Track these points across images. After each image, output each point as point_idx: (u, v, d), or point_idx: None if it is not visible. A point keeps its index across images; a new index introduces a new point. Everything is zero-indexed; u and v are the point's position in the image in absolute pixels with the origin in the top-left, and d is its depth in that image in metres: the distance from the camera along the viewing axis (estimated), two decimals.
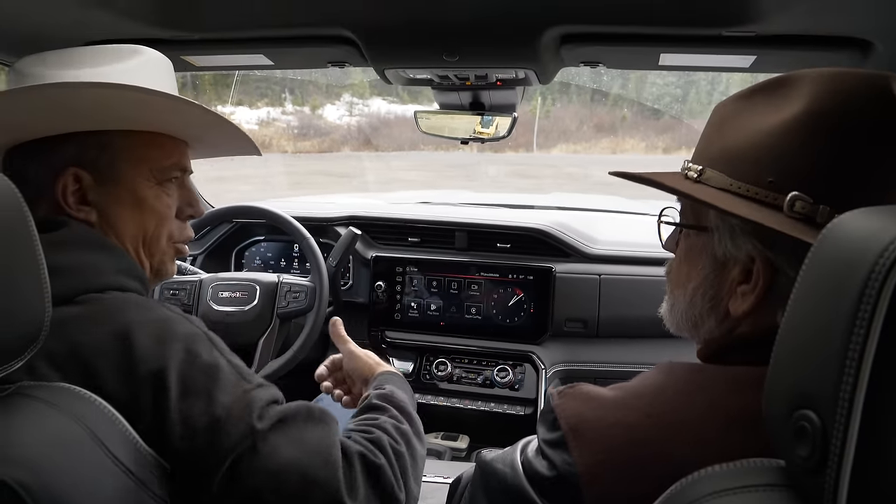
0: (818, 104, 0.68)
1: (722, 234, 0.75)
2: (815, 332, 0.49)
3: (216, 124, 0.98)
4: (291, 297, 1.81)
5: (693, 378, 0.73)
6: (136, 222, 0.95)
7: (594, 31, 1.25)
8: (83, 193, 0.90)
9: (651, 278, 1.98)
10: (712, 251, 0.76)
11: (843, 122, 0.67)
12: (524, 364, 2.04)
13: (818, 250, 0.51)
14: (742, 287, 0.73)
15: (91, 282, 0.84)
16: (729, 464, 0.58)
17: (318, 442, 0.84)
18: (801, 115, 0.68)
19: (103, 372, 0.77)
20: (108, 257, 0.88)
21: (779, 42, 1.20)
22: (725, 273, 0.75)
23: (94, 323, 0.80)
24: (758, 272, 0.71)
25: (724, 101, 0.80)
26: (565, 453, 0.71)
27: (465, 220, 2.17)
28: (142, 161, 0.95)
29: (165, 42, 1.36)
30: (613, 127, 18.53)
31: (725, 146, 0.75)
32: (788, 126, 0.69)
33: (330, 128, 18.94)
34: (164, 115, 0.94)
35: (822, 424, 0.47)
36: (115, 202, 0.93)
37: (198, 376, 0.80)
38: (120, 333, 0.79)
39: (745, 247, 0.72)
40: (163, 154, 0.98)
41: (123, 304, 0.84)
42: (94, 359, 0.78)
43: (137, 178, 0.94)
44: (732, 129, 0.75)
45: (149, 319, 0.82)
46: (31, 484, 0.66)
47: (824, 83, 0.69)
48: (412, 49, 1.33)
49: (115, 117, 0.91)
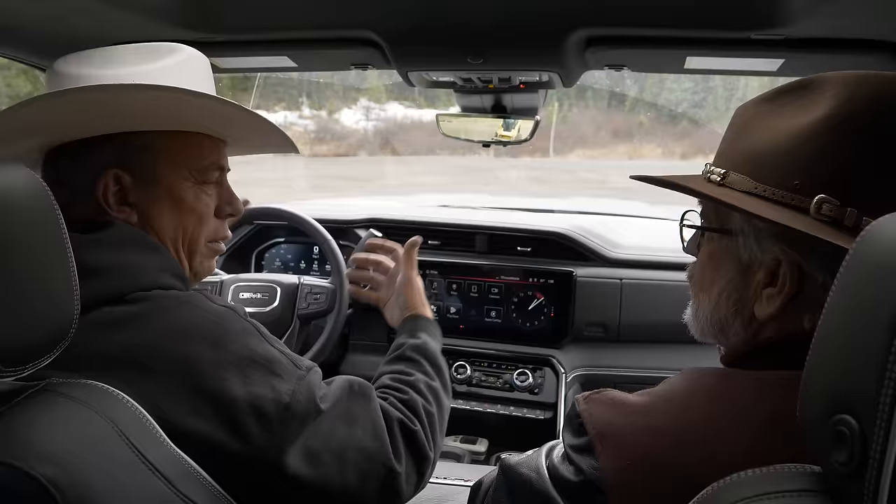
0: (845, 107, 0.68)
1: (747, 237, 0.74)
2: (854, 335, 0.49)
3: (254, 123, 0.99)
4: (312, 299, 1.81)
5: (721, 384, 0.73)
6: (175, 222, 0.95)
7: (620, 34, 1.24)
8: (124, 194, 0.91)
9: (673, 283, 1.97)
10: (737, 255, 0.76)
11: (870, 124, 0.67)
12: (544, 368, 2.03)
13: (857, 253, 0.51)
14: (768, 290, 0.73)
15: (137, 281, 0.85)
16: (763, 469, 0.57)
17: (366, 415, 0.93)
18: (828, 118, 0.68)
19: (158, 375, 0.78)
20: (153, 256, 0.89)
21: (807, 45, 1.18)
22: (750, 276, 0.75)
23: (146, 324, 0.81)
24: (784, 275, 0.71)
25: (746, 103, 0.79)
26: (592, 458, 0.70)
27: (486, 223, 2.17)
28: (181, 161, 0.95)
29: (191, 43, 1.37)
30: (630, 132, 18.44)
31: (749, 149, 0.74)
32: (814, 129, 0.69)
33: (347, 132, 19.02)
34: (204, 116, 0.95)
35: (860, 429, 0.47)
36: (155, 203, 0.93)
37: (257, 371, 0.84)
38: (174, 335, 0.81)
39: (772, 250, 0.72)
40: (202, 154, 0.98)
41: (174, 302, 0.85)
42: (149, 361, 0.79)
43: (177, 179, 0.95)
44: (756, 131, 0.75)
45: (201, 320, 0.84)
46: (59, 479, 0.66)
47: (851, 85, 0.69)
48: (437, 51, 1.33)
49: (156, 118, 0.92)
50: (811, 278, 0.69)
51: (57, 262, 0.70)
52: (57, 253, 0.70)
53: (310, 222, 1.90)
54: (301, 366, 0.90)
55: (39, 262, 0.68)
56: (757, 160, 0.73)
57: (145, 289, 0.85)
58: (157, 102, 0.89)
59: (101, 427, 0.72)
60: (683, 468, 0.65)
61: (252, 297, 1.81)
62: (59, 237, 0.70)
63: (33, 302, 0.68)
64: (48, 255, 0.69)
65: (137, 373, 0.78)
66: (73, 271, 0.72)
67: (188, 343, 0.81)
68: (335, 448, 0.88)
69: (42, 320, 0.69)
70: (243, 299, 1.81)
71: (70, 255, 0.71)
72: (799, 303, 0.70)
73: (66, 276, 0.71)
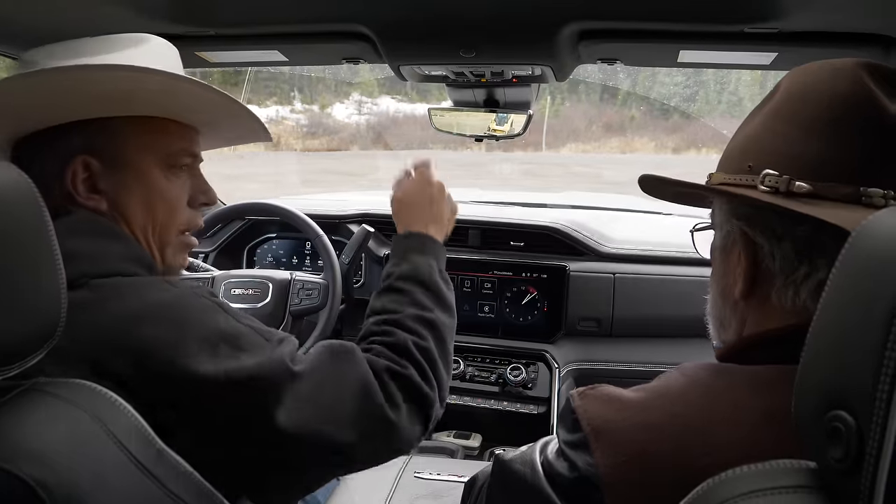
0: (787, 92, 0.75)
1: (721, 224, 0.81)
2: (850, 330, 0.48)
3: (221, 104, 0.96)
4: (304, 295, 1.80)
5: (716, 379, 0.72)
6: (145, 210, 0.93)
7: (613, 28, 1.24)
8: (93, 181, 0.89)
9: (666, 277, 1.98)
10: (717, 244, 0.82)
11: (801, 102, 0.73)
12: (537, 363, 2.03)
13: (851, 247, 0.50)
14: (738, 270, 0.77)
15: (96, 268, 0.83)
16: (758, 464, 0.57)
17: (351, 373, 0.90)
18: (774, 105, 0.76)
19: (115, 360, 0.76)
20: (114, 243, 0.87)
21: (801, 39, 1.18)
22: (728, 261, 0.79)
23: (101, 308, 0.79)
24: (738, 246, 0.77)
25: None
26: (587, 454, 0.70)
27: (479, 217, 2.16)
28: (150, 147, 0.93)
29: (179, 37, 1.36)
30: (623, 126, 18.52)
31: (727, 151, 0.82)
32: (763, 117, 0.76)
33: (339, 126, 19.01)
34: (168, 97, 0.93)
35: (856, 425, 0.46)
36: (125, 190, 0.91)
37: (223, 347, 0.81)
38: (131, 318, 0.78)
39: (734, 230, 0.78)
40: (171, 139, 0.96)
41: (131, 288, 0.82)
42: (103, 345, 0.76)
43: (146, 165, 0.93)
44: (735, 135, 0.82)
45: (160, 301, 0.81)
46: (47, 480, 0.65)
47: (797, 73, 0.77)
48: (429, 45, 1.32)
49: (119, 102, 0.90)
50: (760, 248, 0.74)
51: (45, 260, 0.69)
52: (44, 250, 0.69)
53: (302, 218, 1.89)
54: (271, 338, 0.87)
55: (27, 258, 0.67)
56: (728, 156, 0.80)
57: (104, 275, 0.82)
58: (116, 85, 0.87)
59: (90, 427, 0.71)
60: (679, 464, 0.65)
61: (244, 293, 1.80)
62: (46, 234, 0.69)
63: (22, 298, 0.67)
64: (35, 252, 0.68)
65: (93, 361, 0.75)
66: (61, 268, 0.70)
67: (148, 326, 0.78)
68: (324, 410, 0.85)
69: (31, 319, 0.68)
70: (235, 295, 1.80)
71: (57, 253, 0.70)
72: (763, 277, 0.75)
73: (53, 274, 0.70)
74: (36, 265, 0.68)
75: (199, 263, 2.04)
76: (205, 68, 1.63)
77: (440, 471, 1.39)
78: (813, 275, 0.70)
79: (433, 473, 1.38)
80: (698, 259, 1.80)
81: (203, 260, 2.18)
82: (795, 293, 0.71)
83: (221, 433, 0.80)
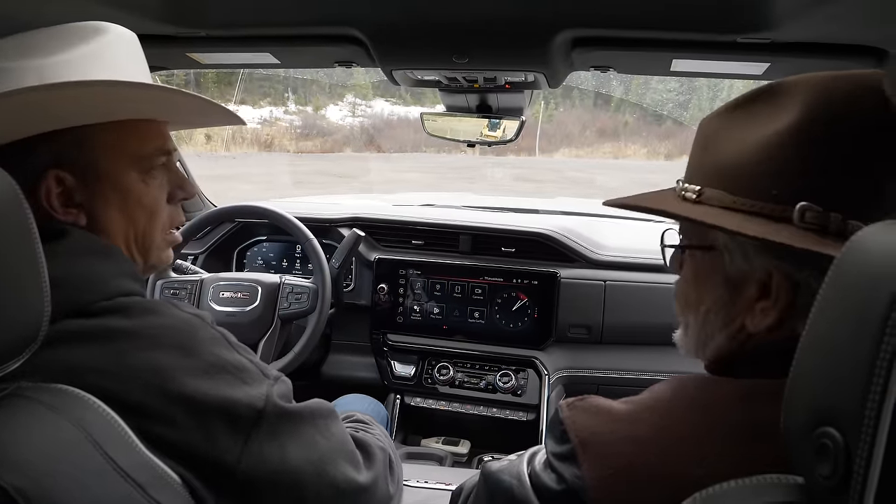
0: (815, 111, 0.67)
1: (733, 253, 0.73)
2: (839, 346, 0.48)
3: (197, 108, 0.95)
4: (293, 299, 1.79)
5: (705, 392, 0.72)
6: (125, 219, 0.91)
7: (606, 35, 1.24)
8: (68, 195, 0.86)
9: (656, 285, 1.97)
10: (724, 271, 0.75)
11: (841, 127, 0.66)
12: (527, 369, 2.03)
13: (842, 262, 0.50)
14: (761, 304, 0.71)
15: (98, 290, 0.82)
16: (745, 479, 0.56)
17: (340, 435, 0.94)
18: (798, 123, 0.67)
19: (129, 385, 0.76)
20: (108, 262, 0.86)
21: (793, 49, 1.18)
22: (740, 292, 0.73)
23: (113, 335, 0.79)
24: (778, 287, 0.70)
25: (709, 116, 0.78)
26: (575, 467, 0.69)
27: (470, 223, 2.16)
28: (123, 152, 0.89)
29: (171, 38, 1.35)
30: (616, 132, 18.59)
31: (722, 163, 0.73)
32: (785, 136, 0.68)
33: (332, 128, 19.00)
34: (141, 102, 0.90)
35: (844, 442, 0.46)
36: (103, 200, 0.88)
37: (228, 378, 0.82)
38: (143, 345, 0.79)
39: (762, 264, 0.71)
40: (143, 141, 0.92)
41: (140, 311, 0.82)
42: (119, 371, 0.76)
43: (121, 171, 0.89)
44: (725, 143, 0.74)
45: (170, 329, 0.82)
46: (27, 489, 0.64)
47: (818, 89, 0.68)
48: (421, 50, 1.31)
49: (90, 112, 0.86)
50: (804, 286, 0.68)
51: (27, 262, 0.68)
52: (26, 252, 0.68)
53: (292, 221, 1.88)
54: (269, 375, 0.88)
55: (8, 260, 0.66)
56: (731, 173, 0.72)
57: (108, 297, 0.82)
58: (90, 99, 0.84)
59: (71, 433, 0.70)
60: (666, 478, 0.65)
61: (232, 296, 1.79)
62: (28, 236, 0.68)
63: (3, 303, 0.66)
64: (17, 254, 0.67)
65: (109, 382, 0.75)
66: (44, 271, 0.69)
67: (158, 351, 0.79)
68: (314, 460, 0.88)
69: (12, 323, 0.67)
70: (224, 299, 1.79)
71: (41, 255, 0.69)
72: (795, 313, 0.69)
73: (35, 276, 0.69)
74: (17, 268, 0.67)
75: (188, 266, 2.02)
76: (196, 69, 1.62)
77: (427, 479, 1.38)
78: None
79: (420, 481, 1.37)
80: None
81: (192, 262, 2.16)
82: None
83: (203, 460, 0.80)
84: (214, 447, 0.79)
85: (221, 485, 0.81)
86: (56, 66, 0.83)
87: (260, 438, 0.82)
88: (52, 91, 0.80)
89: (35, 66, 0.83)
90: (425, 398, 2.08)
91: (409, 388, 2.10)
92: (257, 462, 0.82)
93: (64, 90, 0.81)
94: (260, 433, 0.82)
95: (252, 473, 0.82)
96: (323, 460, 0.89)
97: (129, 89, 0.85)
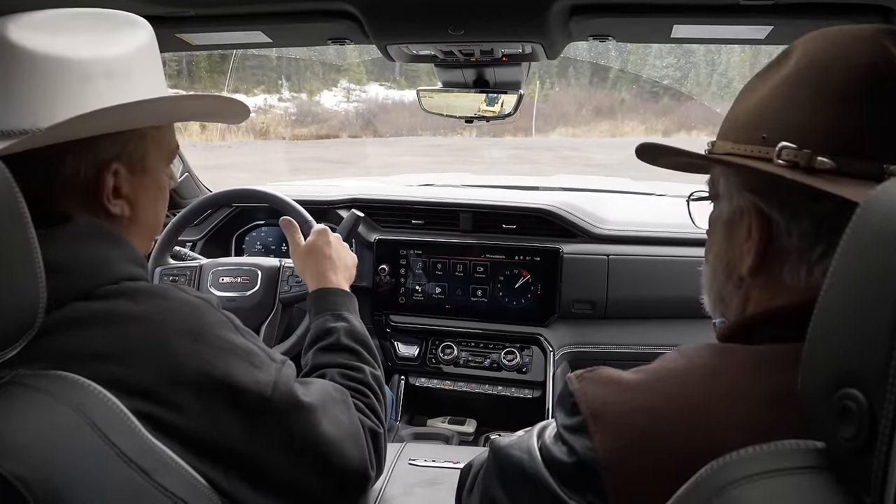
0: (805, 59, 0.70)
1: (725, 197, 0.77)
2: (861, 304, 0.46)
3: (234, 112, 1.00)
4: (294, 282, 1.77)
5: (717, 359, 0.71)
6: (155, 209, 0.96)
7: (605, 2, 1.21)
8: (118, 186, 0.88)
9: (659, 258, 1.96)
10: (721, 216, 0.78)
11: (822, 71, 0.69)
12: (531, 346, 2.02)
13: (862, 218, 0.48)
14: (746, 245, 0.74)
15: (104, 275, 0.82)
16: (763, 445, 0.55)
17: (348, 422, 0.96)
18: (790, 73, 0.71)
19: (136, 369, 0.76)
20: (114, 247, 0.86)
21: (796, 11, 1.16)
22: (734, 235, 0.76)
23: (120, 318, 0.79)
24: (751, 221, 0.73)
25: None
26: (586, 438, 0.68)
27: (470, 200, 2.14)
28: (163, 148, 0.95)
29: (158, 18, 1.32)
30: (612, 110, 18.56)
31: (733, 117, 0.77)
32: (779, 85, 0.72)
33: (327, 114, 18.97)
34: (198, 109, 0.99)
35: (868, 403, 0.44)
36: (143, 192, 0.92)
37: (237, 362, 0.83)
38: (151, 329, 0.79)
39: (745, 203, 0.74)
40: (172, 138, 0.98)
41: (146, 295, 0.83)
42: (127, 355, 0.77)
43: (159, 166, 0.94)
44: (741, 101, 0.77)
45: (178, 312, 0.83)
46: (26, 475, 0.64)
47: (813, 39, 0.72)
48: (416, 22, 1.29)
49: (161, 116, 0.93)
50: (775, 224, 0.70)
51: (20, 249, 0.67)
52: (19, 239, 0.67)
53: (290, 203, 1.86)
54: (276, 359, 0.90)
55: (2, 252, 0.65)
56: (736, 125, 0.76)
57: (113, 281, 0.82)
58: (169, 105, 0.91)
59: (71, 418, 0.69)
60: (680, 447, 0.64)
61: (232, 281, 1.77)
62: (21, 222, 0.67)
63: None
64: (9, 241, 0.66)
65: (115, 367, 0.75)
66: (39, 258, 0.69)
67: (166, 335, 0.80)
68: (318, 447, 0.89)
69: (7, 310, 0.66)
70: (223, 283, 1.77)
71: (34, 241, 0.68)
72: (774, 254, 0.71)
73: (29, 263, 0.68)
74: (10, 255, 0.66)
75: (187, 252, 2.00)
76: (188, 51, 1.60)
77: (435, 457, 1.37)
78: (829, 254, 0.67)
79: (428, 460, 1.36)
80: (692, 239, 1.78)
81: (191, 248, 2.15)
82: (809, 272, 0.69)
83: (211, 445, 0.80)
84: (221, 431, 0.80)
85: (229, 467, 0.82)
86: (122, 62, 0.87)
87: (266, 423, 0.84)
88: (161, 103, 0.89)
89: (102, 59, 0.85)
90: (430, 378, 2.08)
91: (414, 368, 2.10)
92: (264, 446, 0.84)
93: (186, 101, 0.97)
94: (267, 418, 0.84)
95: (259, 456, 0.83)
96: (329, 445, 0.90)
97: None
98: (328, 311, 1.21)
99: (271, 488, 0.86)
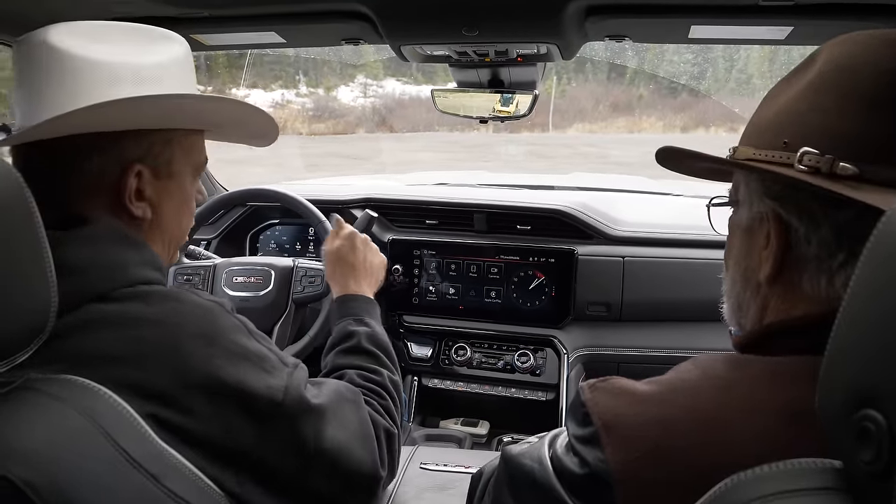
0: (832, 64, 0.69)
1: (749, 202, 0.75)
2: (883, 320, 0.45)
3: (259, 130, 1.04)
4: (307, 282, 1.77)
5: (733, 371, 0.69)
6: (179, 218, 0.96)
7: (621, 3, 1.19)
8: (140, 189, 0.89)
9: (676, 260, 1.94)
10: (741, 222, 0.77)
11: (850, 75, 0.67)
12: (545, 349, 2.00)
13: (887, 227, 0.47)
14: (765, 252, 0.73)
15: (120, 277, 0.83)
16: (780, 464, 0.54)
17: (358, 423, 0.96)
18: (815, 77, 0.69)
19: (150, 371, 0.77)
20: (131, 251, 0.87)
21: (818, 11, 1.14)
22: (753, 242, 0.75)
23: (135, 321, 0.79)
24: (769, 227, 0.72)
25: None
26: (598, 450, 0.67)
27: (484, 201, 2.13)
28: (189, 157, 0.96)
29: (174, 20, 1.32)
30: (630, 106, 18.43)
31: (756, 123, 0.76)
32: (804, 90, 0.70)
33: (344, 109, 19.01)
34: (224, 117, 0.99)
35: (888, 426, 0.43)
36: (167, 197, 0.93)
37: (249, 367, 0.84)
38: (165, 332, 0.80)
39: (764, 210, 0.72)
40: (202, 150, 1.00)
41: (160, 298, 0.83)
42: (140, 358, 0.77)
43: (185, 174, 0.95)
44: (764, 107, 0.76)
45: (191, 315, 0.83)
46: (35, 480, 0.64)
47: (840, 43, 0.70)
48: (430, 23, 1.28)
49: (186, 118, 0.94)
50: (794, 231, 0.69)
51: (32, 254, 0.68)
52: (31, 244, 0.68)
53: (304, 203, 1.86)
54: (288, 363, 0.91)
55: (12, 255, 0.66)
56: (758, 129, 0.75)
57: (129, 284, 0.83)
58: (192, 107, 0.92)
59: (79, 423, 0.69)
60: (695, 460, 0.62)
61: (246, 280, 1.78)
62: (33, 228, 0.68)
63: (10, 294, 0.65)
64: (21, 246, 0.67)
65: (128, 370, 0.76)
66: (50, 263, 0.69)
67: (180, 339, 0.80)
68: (328, 450, 0.89)
69: (18, 315, 0.67)
70: (237, 283, 1.78)
71: (46, 247, 0.69)
72: (793, 262, 0.70)
73: (41, 269, 0.69)
74: (21, 260, 0.67)
75: (201, 251, 2.01)
76: (203, 51, 1.60)
77: (447, 462, 1.37)
78: (850, 263, 0.65)
79: (439, 465, 1.35)
80: (710, 241, 1.75)
81: (205, 247, 2.15)
82: (829, 282, 0.67)
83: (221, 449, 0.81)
84: (232, 435, 0.81)
85: (241, 469, 0.82)
86: (152, 70, 0.88)
87: (277, 427, 0.84)
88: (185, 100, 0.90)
89: (132, 65, 0.87)
90: (443, 379, 2.07)
91: (427, 369, 2.09)
92: (275, 450, 0.84)
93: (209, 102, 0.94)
94: (278, 422, 0.84)
95: (270, 459, 0.84)
96: (338, 448, 0.90)
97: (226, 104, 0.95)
98: (350, 316, 1.24)
99: (282, 491, 0.86)
